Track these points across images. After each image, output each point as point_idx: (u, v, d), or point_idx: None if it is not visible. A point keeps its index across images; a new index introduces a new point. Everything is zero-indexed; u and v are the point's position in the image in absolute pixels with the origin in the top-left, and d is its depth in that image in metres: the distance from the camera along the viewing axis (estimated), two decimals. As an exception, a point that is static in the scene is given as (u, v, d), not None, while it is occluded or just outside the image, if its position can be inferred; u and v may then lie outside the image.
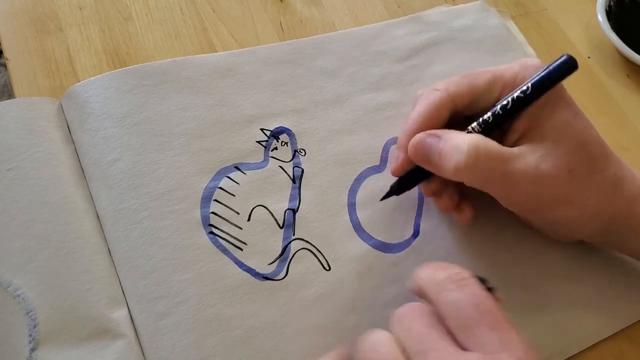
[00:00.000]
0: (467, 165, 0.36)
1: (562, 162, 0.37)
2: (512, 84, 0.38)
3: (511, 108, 0.38)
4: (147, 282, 0.37)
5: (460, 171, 0.36)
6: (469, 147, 0.36)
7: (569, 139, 0.37)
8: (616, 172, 0.38)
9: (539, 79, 0.37)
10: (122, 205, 0.39)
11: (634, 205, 0.38)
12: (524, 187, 0.37)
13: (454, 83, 0.40)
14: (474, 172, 0.36)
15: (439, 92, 0.39)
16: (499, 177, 0.36)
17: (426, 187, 0.41)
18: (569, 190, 0.37)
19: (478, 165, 0.36)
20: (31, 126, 0.41)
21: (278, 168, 0.43)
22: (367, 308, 0.39)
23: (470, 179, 0.37)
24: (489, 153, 0.36)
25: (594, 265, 0.43)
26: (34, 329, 0.35)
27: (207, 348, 0.36)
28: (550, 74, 0.37)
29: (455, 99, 0.39)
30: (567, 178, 0.37)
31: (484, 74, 0.40)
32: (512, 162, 0.36)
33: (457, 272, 0.32)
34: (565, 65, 0.37)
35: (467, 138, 0.36)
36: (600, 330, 0.41)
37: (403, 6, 0.55)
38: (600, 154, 0.38)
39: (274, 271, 0.39)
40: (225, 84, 0.45)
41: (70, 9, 0.48)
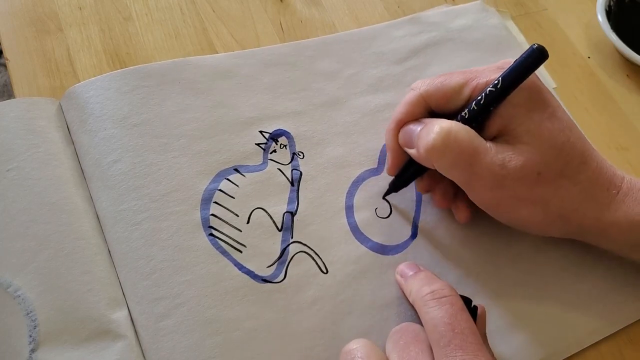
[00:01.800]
0: (434, 146, 0.37)
1: (531, 165, 0.37)
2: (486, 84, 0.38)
3: (485, 102, 0.37)
4: (147, 283, 0.37)
5: (428, 151, 0.37)
6: (441, 129, 0.37)
7: (542, 141, 0.37)
8: (591, 177, 0.38)
9: (509, 70, 0.37)
10: (122, 207, 0.39)
11: (604, 213, 0.38)
12: (486, 182, 0.37)
13: (427, 83, 0.40)
14: (440, 154, 0.37)
15: (413, 92, 0.41)
16: (464, 165, 0.37)
17: (419, 184, 0.43)
18: (534, 193, 0.37)
19: (446, 148, 0.36)
20: (31, 126, 0.41)
21: (277, 171, 0.43)
22: (364, 310, 0.39)
23: (438, 161, 0.37)
24: (459, 138, 0.36)
25: (593, 264, 0.43)
26: (34, 329, 0.35)
27: (207, 349, 0.36)
28: (519, 64, 0.37)
29: (427, 98, 0.40)
30: (534, 180, 0.37)
31: (457, 74, 0.40)
32: (479, 154, 0.37)
33: (440, 288, 0.35)
34: (534, 55, 0.36)
35: (442, 122, 0.37)
36: (600, 330, 0.41)
37: (403, 6, 0.55)
38: (575, 158, 0.38)
39: (272, 274, 0.39)
40: (224, 86, 0.45)
41: (70, 9, 0.48)
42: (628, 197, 0.38)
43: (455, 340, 0.31)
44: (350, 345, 0.34)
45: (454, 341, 0.31)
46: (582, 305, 0.42)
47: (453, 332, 0.32)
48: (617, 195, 0.38)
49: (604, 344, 0.41)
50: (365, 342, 0.34)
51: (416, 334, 0.34)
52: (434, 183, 0.42)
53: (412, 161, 0.41)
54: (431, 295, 0.34)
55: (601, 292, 0.42)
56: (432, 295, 0.34)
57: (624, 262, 0.43)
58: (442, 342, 0.32)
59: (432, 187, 0.42)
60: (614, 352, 0.41)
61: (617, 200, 0.38)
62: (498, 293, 0.41)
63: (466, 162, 0.37)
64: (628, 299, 0.43)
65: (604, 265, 0.43)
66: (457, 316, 0.33)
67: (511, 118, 0.37)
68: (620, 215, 0.38)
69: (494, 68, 0.39)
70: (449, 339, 0.31)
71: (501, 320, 0.40)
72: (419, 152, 0.38)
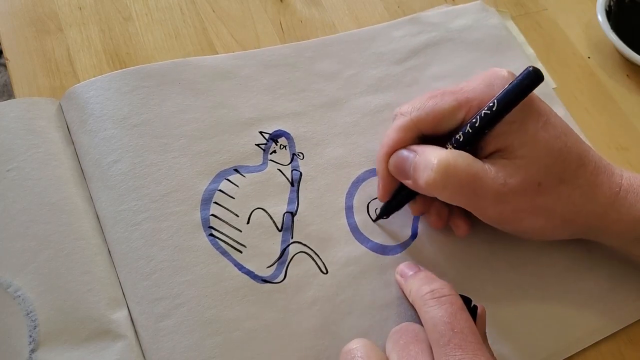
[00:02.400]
0: (435, 181, 0.36)
1: (531, 177, 0.37)
2: (479, 105, 0.38)
3: (480, 125, 0.37)
4: (147, 283, 0.37)
5: (430, 186, 0.37)
6: (439, 162, 0.36)
7: (538, 151, 0.37)
8: (590, 179, 0.38)
9: (504, 93, 0.37)
10: (122, 207, 0.39)
11: (608, 210, 0.38)
12: (491, 202, 0.37)
13: (417, 107, 0.40)
14: (443, 187, 0.37)
15: (403, 117, 0.40)
16: (467, 193, 0.37)
17: (413, 207, 0.42)
18: (536, 203, 0.37)
19: (447, 181, 0.36)
20: (31, 127, 0.41)
21: (277, 171, 0.43)
22: (364, 310, 0.39)
23: (440, 194, 0.38)
24: (458, 170, 0.36)
25: (593, 264, 0.43)
26: (34, 329, 0.35)
27: (207, 349, 0.36)
28: (514, 88, 0.37)
29: (418, 123, 0.39)
30: (536, 191, 0.37)
31: (447, 96, 0.39)
32: (480, 179, 0.37)
33: (439, 287, 0.35)
34: (529, 78, 0.37)
35: (438, 154, 0.37)
36: (600, 330, 0.41)
37: (403, 6, 0.55)
38: (573, 162, 0.38)
39: (272, 274, 0.39)
40: (224, 87, 0.45)
41: (70, 9, 0.48)
42: (629, 193, 0.38)
43: (454, 340, 0.31)
44: (350, 345, 0.34)
45: (453, 340, 0.31)
46: (582, 305, 0.42)
47: (452, 331, 0.32)
48: (619, 193, 0.38)
49: (604, 344, 0.41)
50: (365, 341, 0.34)
51: (416, 334, 0.34)
52: (428, 204, 0.42)
53: (403, 186, 0.41)
54: (431, 295, 0.34)
55: (601, 292, 0.43)
56: (432, 294, 0.34)
57: (623, 262, 0.43)
58: (441, 342, 0.32)
59: (426, 209, 0.42)
60: (614, 352, 0.41)
61: (619, 198, 0.38)
62: (498, 293, 0.41)
63: (468, 189, 0.37)
64: (628, 298, 0.43)
65: (603, 266, 0.43)
66: (456, 315, 0.33)
67: (506, 135, 0.38)
68: (623, 212, 0.38)
69: (482, 86, 0.39)
70: (448, 338, 0.32)
71: (501, 320, 0.40)
72: (418, 184, 0.38)
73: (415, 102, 0.40)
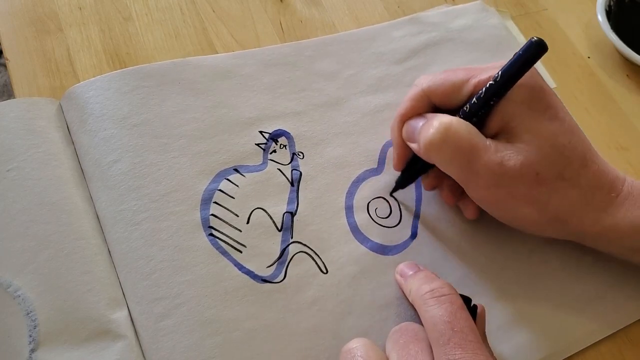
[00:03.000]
0: (434, 139, 0.37)
1: (530, 164, 0.37)
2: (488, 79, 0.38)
3: (485, 96, 0.37)
4: (147, 283, 0.37)
5: (427, 144, 0.37)
6: (440, 124, 0.37)
7: (542, 142, 0.37)
8: (591, 181, 0.38)
9: (508, 64, 0.37)
10: (122, 207, 0.39)
11: (603, 216, 0.38)
12: (484, 180, 0.37)
13: (430, 79, 0.40)
14: (439, 149, 0.37)
15: (416, 88, 0.41)
16: (461, 161, 0.37)
17: (425, 181, 0.43)
18: (531, 193, 0.37)
19: (445, 143, 0.37)
20: (31, 127, 0.41)
21: (277, 171, 0.43)
22: (364, 310, 0.39)
23: (436, 156, 0.38)
24: (459, 135, 0.37)
25: (593, 264, 0.43)
26: (34, 329, 0.35)
27: (207, 349, 0.36)
28: (518, 58, 0.37)
29: (430, 94, 0.40)
30: (533, 180, 0.37)
31: (460, 71, 0.40)
32: (478, 151, 0.37)
33: (439, 286, 0.35)
34: (533, 48, 0.36)
35: (443, 118, 0.37)
36: (599, 330, 0.41)
37: (403, 6, 0.55)
38: (576, 161, 0.38)
39: (272, 274, 0.39)
40: (224, 86, 0.45)
41: (70, 9, 0.48)
42: (628, 200, 0.38)
43: (454, 339, 0.31)
44: (350, 344, 0.34)
45: (453, 339, 0.31)
46: (581, 305, 0.42)
47: (452, 330, 0.32)
48: (617, 199, 0.38)
49: (604, 344, 0.41)
50: (365, 341, 0.34)
51: (416, 333, 0.34)
52: (440, 180, 0.42)
53: (416, 157, 0.41)
54: (431, 294, 0.34)
55: (600, 292, 0.42)
56: (432, 293, 0.34)
57: (623, 262, 0.43)
58: (441, 341, 0.32)
59: (439, 184, 0.43)
60: (614, 352, 0.41)
61: (616, 204, 0.38)
62: (498, 293, 0.41)
63: (464, 159, 0.37)
64: (627, 298, 0.43)
65: (603, 266, 0.43)
66: (456, 315, 0.33)
67: (512, 116, 0.37)
68: (619, 218, 0.38)
69: (498, 65, 0.39)
70: (448, 337, 0.31)
71: (501, 320, 0.40)
72: (419, 147, 0.38)
73: (431, 75, 0.41)
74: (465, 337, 0.32)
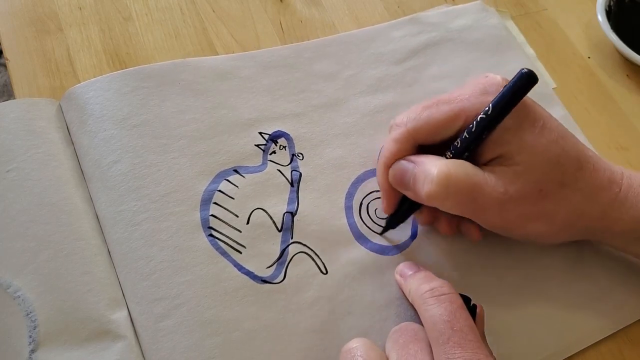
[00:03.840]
0: (437, 192, 0.36)
1: (532, 183, 0.37)
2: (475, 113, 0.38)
3: (476, 131, 0.37)
4: (147, 283, 0.37)
5: (431, 198, 0.37)
6: (439, 174, 0.36)
7: (537, 157, 0.37)
8: (589, 181, 0.38)
9: (499, 97, 0.37)
10: (121, 207, 0.39)
11: (609, 211, 0.38)
12: (493, 211, 0.37)
13: (412, 118, 0.39)
14: (444, 199, 0.37)
15: (399, 129, 0.40)
16: (468, 202, 0.37)
17: (420, 217, 0.42)
18: (539, 208, 0.37)
19: (448, 192, 0.36)
20: (31, 127, 0.41)
21: (276, 172, 0.43)
22: (364, 310, 0.39)
23: (442, 205, 0.38)
24: (459, 180, 0.36)
25: (593, 264, 0.43)
26: (34, 330, 0.35)
27: (206, 350, 0.36)
28: (508, 91, 0.37)
29: (414, 134, 0.39)
30: (538, 197, 0.37)
31: (443, 106, 0.39)
32: (480, 188, 0.37)
33: (439, 286, 0.35)
34: (523, 79, 0.37)
35: (438, 164, 0.37)
36: (599, 330, 0.41)
37: (403, 6, 0.55)
38: (572, 166, 0.38)
39: (272, 274, 0.39)
40: (224, 87, 0.45)
41: (70, 9, 0.48)
42: (630, 193, 0.38)
43: (454, 338, 0.31)
44: (350, 344, 0.34)
45: (453, 339, 0.31)
46: (581, 305, 0.42)
47: (452, 329, 0.32)
48: (619, 193, 0.38)
49: (604, 344, 0.41)
50: (365, 341, 0.34)
51: (415, 333, 0.34)
52: (434, 214, 0.41)
53: (406, 197, 0.40)
54: (430, 293, 0.34)
55: (600, 292, 0.42)
56: (432, 293, 0.34)
57: (624, 262, 0.43)
58: (441, 340, 0.32)
59: (435, 218, 0.42)
60: (614, 352, 0.41)
61: (619, 198, 0.38)
62: (498, 293, 0.41)
63: (469, 199, 0.37)
64: (627, 298, 0.43)
65: (603, 266, 0.43)
66: (456, 314, 0.33)
67: (503, 142, 0.37)
68: (623, 212, 0.38)
69: (477, 93, 0.39)
70: (448, 337, 0.32)
71: (501, 320, 0.40)
72: (418, 195, 0.38)
73: (411, 113, 0.40)
74: (464, 336, 0.32)
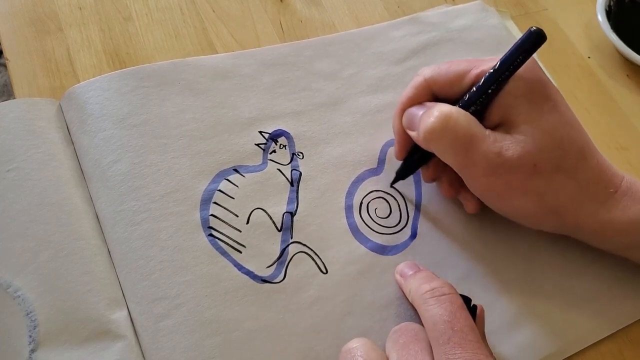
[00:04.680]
0: (434, 128, 0.37)
1: (528, 155, 0.37)
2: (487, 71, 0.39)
3: (483, 85, 0.38)
4: (146, 283, 0.37)
5: (427, 133, 0.37)
6: (440, 113, 0.37)
7: (542, 132, 0.37)
8: (588, 174, 0.38)
9: (507, 53, 0.38)
10: (121, 207, 0.39)
11: (600, 210, 0.38)
12: (481, 169, 0.37)
13: (432, 69, 0.41)
14: (439, 137, 0.37)
15: (418, 77, 0.41)
16: (460, 150, 0.37)
17: (425, 172, 0.43)
18: (528, 184, 0.37)
19: (445, 131, 0.37)
20: (31, 127, 0.41)
21: (276, 171, 0.43)
22: (364, 310, 0.39)
23: (435, 144, 0.38)
24: (458, 124, 0.37)
25: (591, 264, 0.43)
26: (34, 330, 0.35)
27: (206, 350, 0.36)
28: (517, 47, 0.37)
29: (431, 83, 0.41)
30: (530, 171, 0.37)
31: (463, 62, 0.40)
32: (476, 141, 0.37)
33: (439, 286, 0.35)
34: (532, 37, 0.37)
35: (443, 107, 0.38)
36: (599, 330, 0.41)
37: (403, 6, 0.55)
38: (573, 154, 0.38)
39: (272, 274, 0.39)
40: (224, 86, 0.45)
41: (70, 9, 0.48)
42: (626, 196, 0.38)
43: (454, 338, 0.31)
44: (350, 344, 0.34)
45: (453, 339, 0.31)
46: (581, 305, 0.42)
47: (452, 330, 0.32)
48: (615, 194, 0.38)
49: (604, 344, 0.41)
50: (365, 341, 0.34)
51: (415, 333, 0.34)
52: (440, 172, 0.43)
53: (416, 146, 0.41)
54: (431, 293, 0.34)
55: (600, 291, 0.42)
56: (432, 293, 0.34)
57: (623, 261, 0.43)
58: (441, 340, 0.32)
59: (438, 176, 0.43)
60: (614, 352, 0.41)
61: (614, 199, 0.38)
62: (498, 293, 0.41)
63: (462, 147, 0.37)
64: (627, 298, 0.43)
65: (602, 265, 0.43)
66: (456, 314, 0.33)
67: (511, 108, 0.38)
68: (616, 214, 0.38)
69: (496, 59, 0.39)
70: (448, 337, 0.31)
71: (501, 320, 0.40)
72: (419, 135, 0.39)
73: (435, 65, 0.41)
74: (465, 336, 0.31)
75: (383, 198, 0.44)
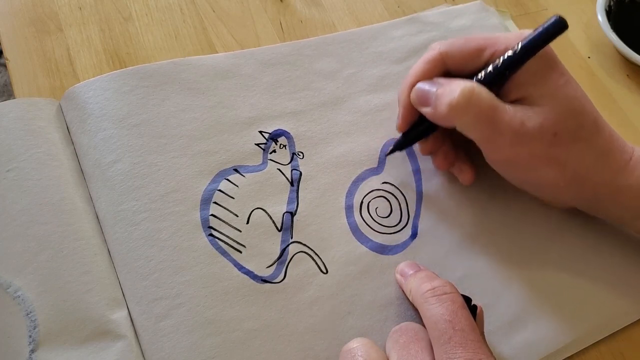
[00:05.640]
0: (459, 104, 0.37)
1: (548, 125, 0.38)
2: (505, 49, 0.39)
3: (502, 67, 0.39)
4: (146, 283, 0.37)
5: (453, 109, 0.38)
6: (464, 88, 0.37)
7: (559, 105, 0.38)
8: (604, 144, 0.39)
9: (530, 38, 0.38)
10: (121, 207, 0.39)
11: (618, 177, 0.39)
12: (507, 139, 0.38)
13: (447, 43, 0.41)
14: (464, 112, 0.38)
15: (432, 51, 0.42)
16: (485, 122, 0.38)
17: (423, 146, 0.44)
18: (550, 152, 0.38)
19: (469, 106, 0.37)
20: (31, 127, 0.41)
21: (276, 171, 0.43)
22: (364, 310, 0.39)
23: (461, 119, 0.38)
24: (482, 98, 0.37)
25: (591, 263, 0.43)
26: (34, 330, 0.35)
27: (206, 350, 0.36)
28: (540, 33, 0.38)
29: (445, 58, 0.41)
30: (551, 140, 0.38)
31: (478, 38, 0.41)
32: (500, 112, 0.38)
33: (440, 285, 0.35)
34: (555, 25, 0.38)
35: (465, 83, 0.38)
36: (600, 329, 0.41)
37: (403, 6, 0.55)
38: (589, 124, 0.39)
39: (272, 274, 0.39)
40: (224, 86, 0.45)
41: (70, 9, 0.48)
42: (639, 163, 0.40)
43: (455, 338, 0.31)
44: (350, 344, 0.34)
45: (454, 338, 0.31)
46: (581, 304, 0.42)
47: (453, 329, 0.32)
48: (630, 162, 0.39)
49: (604, 344, 0.41)
50: (366, 341, 0.34)
51: (416, 333, 0.34)
52: (437, 146, 0.43)
53: (420, 121, 0.42)
54: (431, 292, 0.34)
55: (600, 291, 0.42)
56: (433, 292, 0.34)
57: (623, 261, 0.43)
58: (442, 340, 0.32)
59: (435, 150, 0.43)
60: (614, 352, 0.41)
61: (630, 166, 0.39)
62: (498, 293, 0.41)
63: (488, 119, 0.38)
64: (627, 298, 0.43)
65: (603, 264, 0.43)
66: (457, 313, 0.33)
67: (528, 85, 0.39)
68: (632, 181, 0.39)
69: (514, 36, 0.40)
70: (449, 336, 0.31)
71: (501, 320, 0.40)
72: (439, 110, 0.39)
73: (447, 41, 0.42)
74: (466, 336, 0.31)
75: (384, 197, 0.44)
